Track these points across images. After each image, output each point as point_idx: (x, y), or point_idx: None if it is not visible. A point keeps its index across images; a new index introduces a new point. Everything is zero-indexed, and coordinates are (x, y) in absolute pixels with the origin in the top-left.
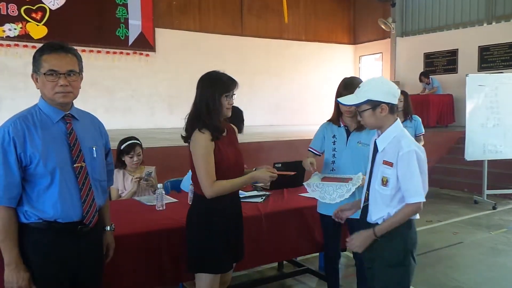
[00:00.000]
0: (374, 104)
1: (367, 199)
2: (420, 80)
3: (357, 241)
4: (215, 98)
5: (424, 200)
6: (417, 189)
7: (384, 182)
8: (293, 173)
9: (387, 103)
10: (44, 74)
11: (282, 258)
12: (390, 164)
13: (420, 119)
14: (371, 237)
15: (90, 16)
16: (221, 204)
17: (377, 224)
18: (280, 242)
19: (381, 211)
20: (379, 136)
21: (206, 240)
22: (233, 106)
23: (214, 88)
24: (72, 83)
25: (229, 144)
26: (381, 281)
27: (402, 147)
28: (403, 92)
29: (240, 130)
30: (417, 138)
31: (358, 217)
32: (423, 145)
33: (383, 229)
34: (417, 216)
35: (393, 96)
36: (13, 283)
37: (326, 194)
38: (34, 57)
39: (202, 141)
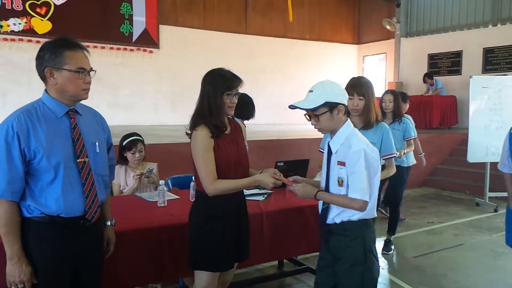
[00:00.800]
0: (331, 106)
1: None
2: (424, 81)
3: (301, 190)
4: (217, 96)
5: (368, 200)
6: (362, 186)
7: (340, 183)
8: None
9: (343, 104)
10: (75, 71)
11: (283, 257)
12: (343, 164)
13: (408, 122)
14: (311, 195)
15: (94, 11)
16: (222, 204)
17: (335, 223)
18: (281, 240)
19: (340, 211)
20: (331, 138)
21: (205, 238)
22: (242, 94)
23: (216, 85)
24: (90, 80)
25: (231, 143)
26: (345, 282)
27: (352, 146)
28: (393, 92)
29: (252, 115)
30: (407, 142)
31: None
32: (413, 150)
33: (324, 198)
34: (375, 214)
35: (345, 97)
36: (15, 277)
37: None
38: (51, 51)
39: (201, 138)
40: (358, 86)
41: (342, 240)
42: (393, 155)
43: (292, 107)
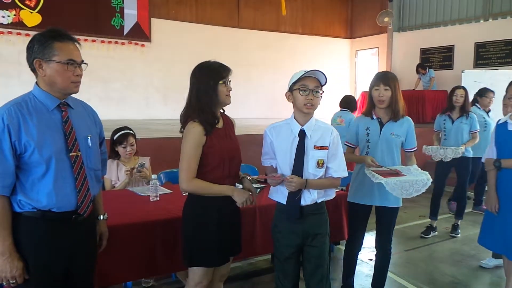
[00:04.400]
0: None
1: None
2: (417, 72)
3: (298, 182)
4: (211, 87)
5: (347, 175)
6: (344, 166)
7: (321, 165)
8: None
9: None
10: (64, 63)
11: None
12: (325, 148)
13: (475, 117)
14: (303, 185)
15: (85, 4)
16: (215, 200)
17: (315, 203)
18: None
19: (324, 191)
20: (305, 123)
21: (199, 235)
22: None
23: (209, 77)
24: (81, 73)
25: (224, 137)
26: (324, 252)
27: (331, 131)
28: (464, 88)
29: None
30: (472, 135)
31: (385, 205)
32: (476, 143)
33: (313, 185)
34: None
35: None
36: (7, 273)
37: (403, 190)
38: (40, 42)
39: (194, 133)
40: (384, 77)
41: (319, 218)
42: (414, 149)
43: (318, 72)
